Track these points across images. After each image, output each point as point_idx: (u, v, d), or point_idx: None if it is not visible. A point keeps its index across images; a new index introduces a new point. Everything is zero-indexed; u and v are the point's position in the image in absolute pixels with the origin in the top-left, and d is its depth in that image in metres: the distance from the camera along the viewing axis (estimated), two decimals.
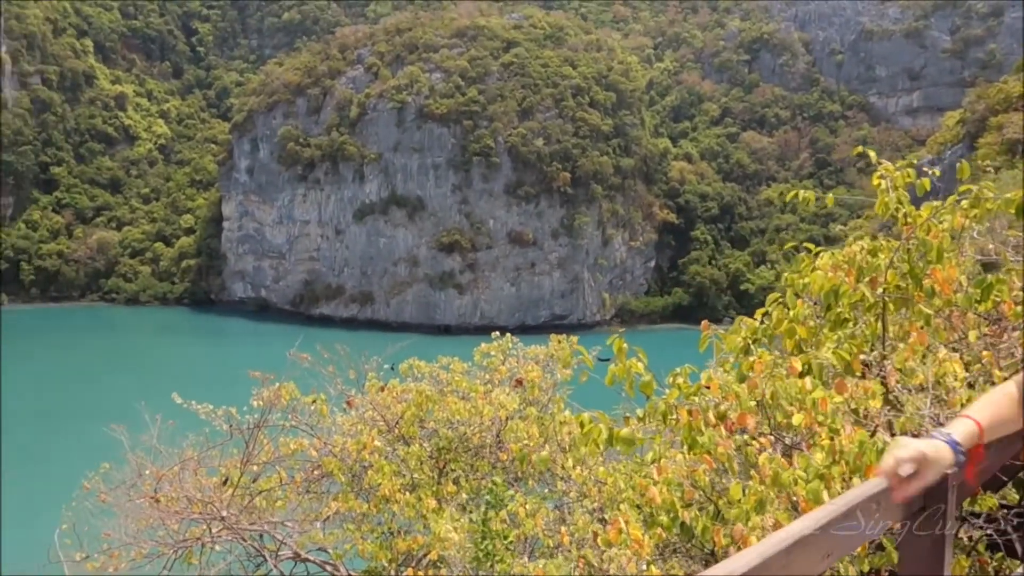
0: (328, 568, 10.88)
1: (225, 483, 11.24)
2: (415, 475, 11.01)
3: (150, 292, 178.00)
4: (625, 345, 6.05)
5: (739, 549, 4.88)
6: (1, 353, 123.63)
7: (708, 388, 5.69)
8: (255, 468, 11.66)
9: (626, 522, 5.71)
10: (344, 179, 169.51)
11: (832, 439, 4.76)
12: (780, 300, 6.22)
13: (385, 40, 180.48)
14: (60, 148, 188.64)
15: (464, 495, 10.55)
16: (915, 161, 6.65)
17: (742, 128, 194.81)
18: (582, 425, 6.59)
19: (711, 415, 5.83)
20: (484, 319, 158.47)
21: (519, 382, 11.94)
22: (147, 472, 11.17)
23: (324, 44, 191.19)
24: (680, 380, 6.43)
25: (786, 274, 6.66)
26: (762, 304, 6.61)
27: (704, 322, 6.86)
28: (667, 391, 6.43)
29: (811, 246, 6.57)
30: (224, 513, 10.62)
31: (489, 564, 7.68)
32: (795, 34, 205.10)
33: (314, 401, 11.82)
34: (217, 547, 10.82)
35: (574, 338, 12.35)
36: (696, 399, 6.06)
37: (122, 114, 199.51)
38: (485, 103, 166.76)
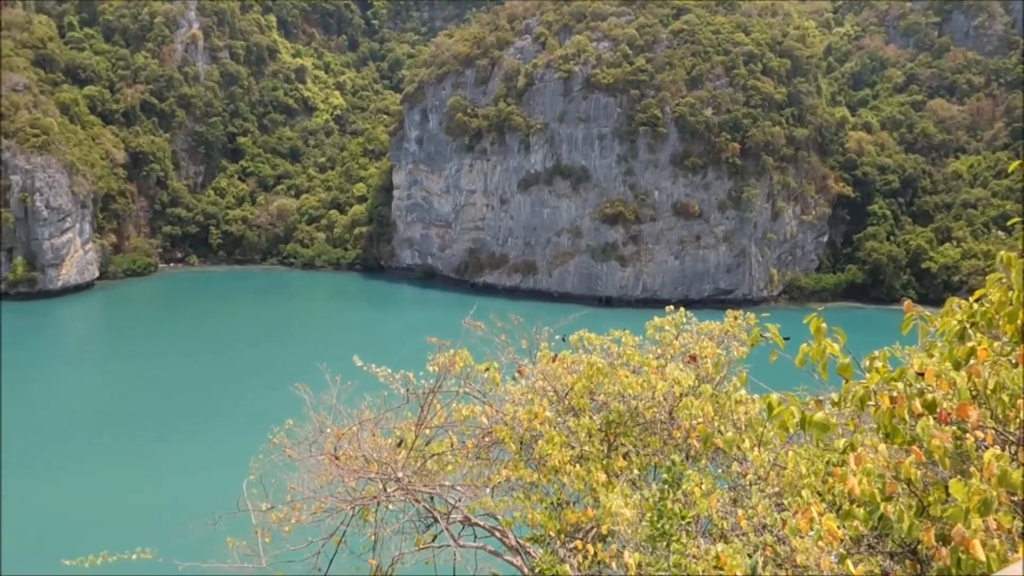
0: (497, 534, 11.01)
1: (400, 445, 11.56)
2: (584, 447, 10.93)
3: (324, 258, 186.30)
4: (824, 325, 5.68)
5: (954, 551, 4.49)
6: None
7: (921, 375, 5.24)
8: (427, 432, 11.92)
9: (819, 513, 5.39)
10: (510, 149, 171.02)
11: None
12: (1002, 280, 5.64)
13: (553, 9, 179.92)
14: (246, 119, 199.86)
15: (635, 470, 10.38)
16: None
17: (929, 96, 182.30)
18: (770, 407, 6.28)
19: (917, 403, 5.40)
20: (646, 292, 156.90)
21: (693, 358, 11.62)
22: (328, 430, 11.63)
23: (493, 15, 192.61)
24: (879, 364, 6.00)
25: (1002, 252, 6.07)
26: (947, 284, 6.08)
27: (907, 302, 6.37)
28: (866, 375, 6.02)
29: None
30: (399, 474, 10.92)
31: (665, 544, 7.49)
32: None
33: (487, 369, 11.93)
34: (391, 506, 11.16)
35: (751, 315, 11.90)
36: (899, 385, 5.63)
37: (302, 86, 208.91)
38: (653, 72, 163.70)
